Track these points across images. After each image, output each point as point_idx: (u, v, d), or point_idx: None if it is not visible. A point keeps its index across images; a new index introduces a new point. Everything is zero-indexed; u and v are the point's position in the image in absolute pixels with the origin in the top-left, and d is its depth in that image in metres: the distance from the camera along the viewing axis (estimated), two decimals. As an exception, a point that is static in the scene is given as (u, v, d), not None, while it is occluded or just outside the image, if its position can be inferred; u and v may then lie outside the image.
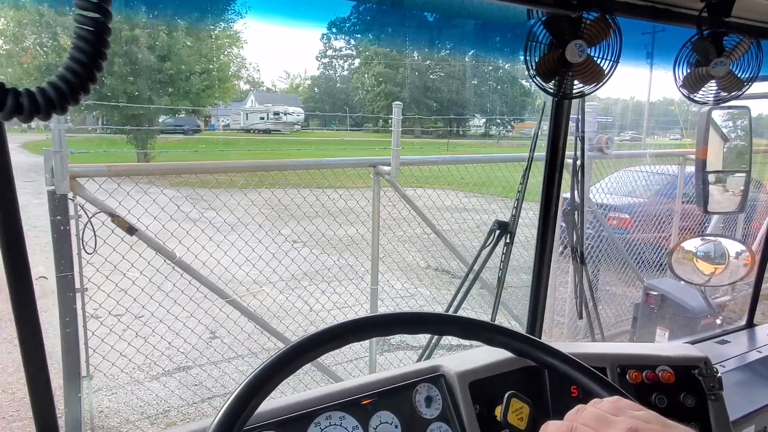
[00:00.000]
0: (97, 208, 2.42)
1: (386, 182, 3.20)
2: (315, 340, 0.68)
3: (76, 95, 0.63)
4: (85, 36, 0.61)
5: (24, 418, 3.38)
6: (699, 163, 1.74)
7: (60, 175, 2.26)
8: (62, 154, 2.26)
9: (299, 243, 4.70)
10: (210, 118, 39.81)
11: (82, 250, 2.48)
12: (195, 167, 2.99)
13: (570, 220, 1.88)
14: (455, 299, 2.21)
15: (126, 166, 2.70)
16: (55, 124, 2.29)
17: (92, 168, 2.46)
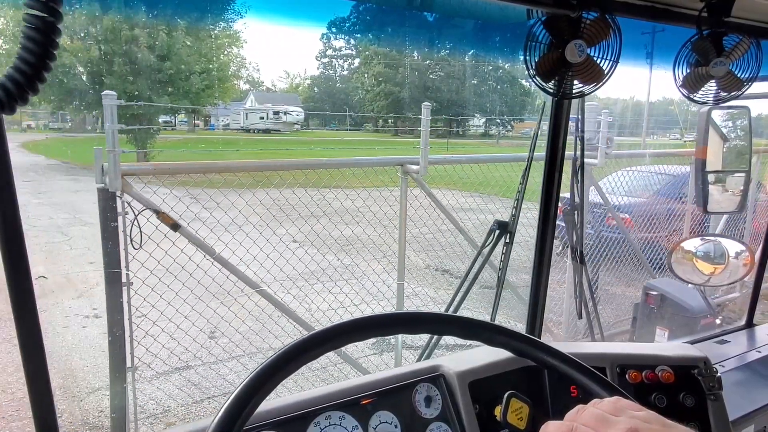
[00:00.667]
0: (143, 205, 2.53)
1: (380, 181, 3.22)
2: (315, 340, 0.68)
3: (24, 95, 0.63)
4: (32, 36, 0.61)
5: (24, 418, 3.38)
6: (699, 163, 1.74)
7: (113, 173, 2.36)
8: (115, 153, 2.37)
9: (302, 243, 4.70)
10: (210, 117, 39.80)
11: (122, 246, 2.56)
12: (233, 165, 3.12)
13: (570, 219, 1.88)
14: (455, 299, 2.21)
15: (170, 165, 2.83)
16: (108, 124, 2.41)
17: (139, 166, 2.52)
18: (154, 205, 2.52)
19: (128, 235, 2.47)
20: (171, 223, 2.56)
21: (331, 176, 3.45)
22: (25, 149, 21.52)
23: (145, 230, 2.57)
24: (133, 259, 2.64)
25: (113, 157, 2.36)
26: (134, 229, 2.48)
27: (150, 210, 2.51)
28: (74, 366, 4.11)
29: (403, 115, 39.86)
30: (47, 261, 6.79)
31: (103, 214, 2.43)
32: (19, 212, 0.86)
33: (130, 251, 2.53)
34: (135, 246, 2.50)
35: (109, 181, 2.37)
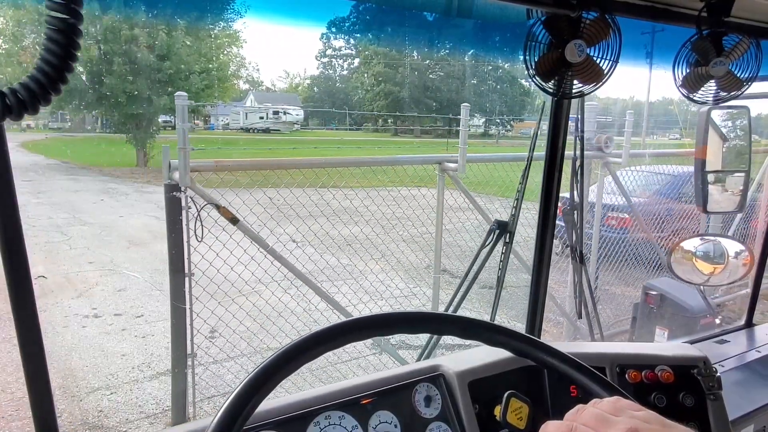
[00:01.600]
0: (205, 200, 2.69)
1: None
2: (315, 339, 0.68)
3: (47, 95, 0.64)
4: (54, 37, 0.62)
5: (23, 417, 3.38)
6: (698, 163, 1.74)
7: (183, 169, 2.50)
8: (186, 151, 2.51)
9: (300, 243, 4.70)
10: (209, 117, 39.79)
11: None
12: (285, 163, 3.24)
13: (569, 219, 1.88)
14: (455, 299, 2.22)
15: (230, 162, 2.94)
16: (179, 123, 2.56)
17: (203, 163, 2.68)
18: (214, 199, 2.68)
19: (194, 228, 2.67)
20: (230, 217, 2.70)
21: (329, 176, 3.47)
22: (24, 149, 21.52)
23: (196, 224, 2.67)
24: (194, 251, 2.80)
25: (183, 154, 2.50)
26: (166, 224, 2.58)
27: (210, 204, 2.67)
28: (74, 366, 4.11)
29: (403, 114, 39.87)
30: (47, 261, 6.79)
31: (169, 208, 2.59)
32: (19, 212, 0.86)
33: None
34: (198, 239, 2.69)
35: (180, 176, 2.51)
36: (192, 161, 2.58)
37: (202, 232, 2.63)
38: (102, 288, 5.92)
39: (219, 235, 2.93)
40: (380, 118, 43.41)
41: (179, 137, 2.52)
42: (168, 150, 2.54)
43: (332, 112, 47.27)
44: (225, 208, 2.68)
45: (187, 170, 2.53)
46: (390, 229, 4.25)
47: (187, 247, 2.69)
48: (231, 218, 2.70)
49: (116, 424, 3.38)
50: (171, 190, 2.57)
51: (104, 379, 3.92)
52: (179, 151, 2.50)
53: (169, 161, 2.55)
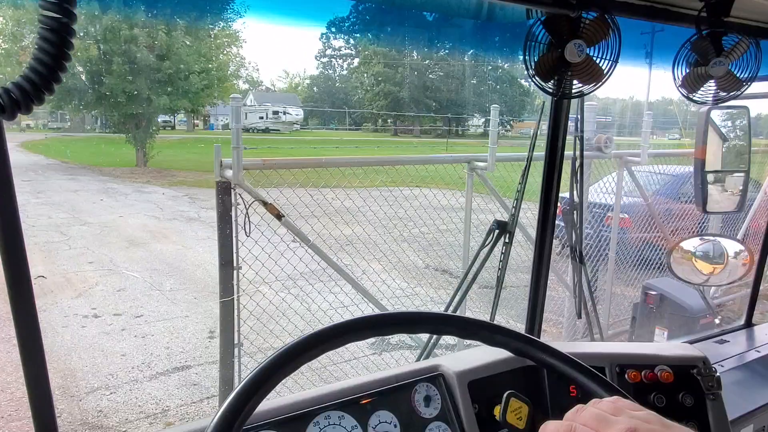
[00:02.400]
0: (253, 197, 2.74)
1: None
2: (314, 340, 0.68)
3: (40, 95, 0.63)
4: (48, 37, 0.61)
5: (23, 417, 3.38)
6: (698, 163, 1.74)
7: (237, 167, 2.60)
8: (239, 150, 2.61)
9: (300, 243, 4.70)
10: (209, 117, 39.78)
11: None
12: (335, 161, 3.31)
13: (569, 219, 1.88)
14: (454, 299, 2.21)
15: (276, 160, 3.04)
16: (233, 123, 2.67)
17: (251, 161, 2.75)
18: (262, 197, 2.76)
19: (245, 224, 2.71)
20: (276, 214, 2.78)
21: (331, 176, 3.48)
22: (24, 149, 21.52)
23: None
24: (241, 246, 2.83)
25: (237, 153, 2.60)
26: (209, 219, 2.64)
27: (258, 201, 2.74)
28: (73, 366, 4.11)
29: (402, 114, 39.86)
30: (46, 261, 6.79)
31: (219, 204, 2.69)
32: (18, 212, 0.86)
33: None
34: (246, 233, 2.75)
35: (233, 174, 2.61)
36: (227, 159, 2.68)
37: (250, 228, 2.71)
38: (101, 288, 5.92)
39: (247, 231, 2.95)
40: (380, 118, 43.42)
41: (233, 137, 2.63)
42: (219, 149, 2.65)
43: (332, 112, 47.27)
44: (272, 204, 2.77)
45: (240, 168, 2.62)
46: (391, 228, 4.25)
47: (235, 242, 2.76)
48: (276, 214, 2.79)
49: (116, 424, 3.38)
50: (221, 187, 2.69)
51: (104, 379, 3.92)
52: (233, 150, 2.60)
53: (221, 160, 2.65)
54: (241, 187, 2.68)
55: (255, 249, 3.02)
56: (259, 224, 2.78)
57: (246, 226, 2.69)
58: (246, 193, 2.71)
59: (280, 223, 2.86)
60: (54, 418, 0.96)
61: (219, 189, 2.68)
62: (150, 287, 5.99)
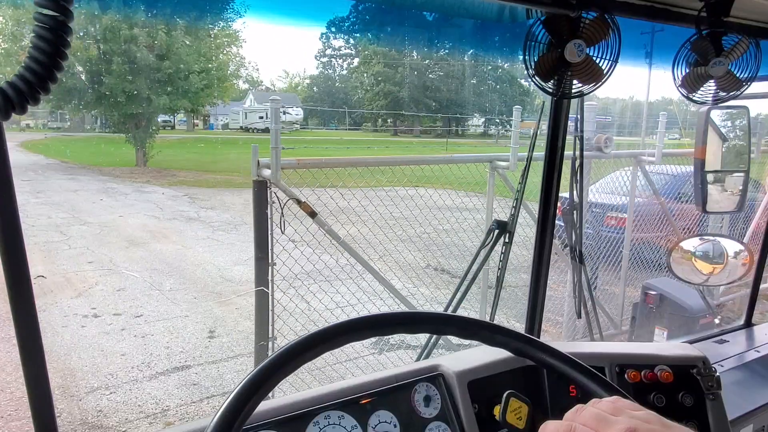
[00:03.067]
0: (287, 195, 2.84)
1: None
2: (314, 340, 0.68)
3: (36, 94, 0.62)
4: (43, 35, 0.60)
5: (22, 417, 3.38)
6: (697, 163, 1.74)
7: (275, 166, 2.70)
8: (277, 149, 2.70)
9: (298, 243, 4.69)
10: (209, 117, 39.78)
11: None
12: (365, 161, 3.43)
13: (569, 219, 1.88)
14: (454, 298, 2.22)
15: (310, 160, 3.14)
16: (273, 125, 2.76)
17: (286, 160, 2.83)
18: (296, 195, 2.86)
19: (281, 221, 2.82)
20: (309, 211, 2.89)
21: (326, 176, 3.49)
22: (23, 148, 21.52)
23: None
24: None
25: (276, 152, 2.69)
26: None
27: (292, 200, 2.85)
28: (73, 365, 4.11)
29: (402, 114, 39.83)
30: (46, 260, 6.79)
31: (256, 202, 2.80)
32: (18, 211, 0.86)
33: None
34: (282, 230, 2.84)
35: (271, 173, 2.71)
36: (263, 159, 2.77)
37: (283, 225, 2.82)
38: (101, 288, 5.92)
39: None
40: (379, 117, 43.42)
41: (272, 137, 2.72)
42: (257, 149, 2.76)
43: (332, 112, 47.25)
44: (306, 203, 2.88)
45: (279, 167, 2.71)
46: (388, 229, 4.26)
47: (270, 239, 2.85)
48: (310, 212, 2.90)
49: (115, 424, 3.38)
50: (258, 186, 2.80)
51: (103, 379, 3.92)
52: (272, 150, 2.69)
53: (258, 159, 2.75)
54: (277, 186, 2.77)
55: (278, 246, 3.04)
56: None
57: (281, 223, 2.80)
58: (281, 191, 2.81)
59: (313, 220, 2.96)
60: (54, 417, 0.96)
61: (256, 187, 2.79)
62: (150, 287, 5.99)
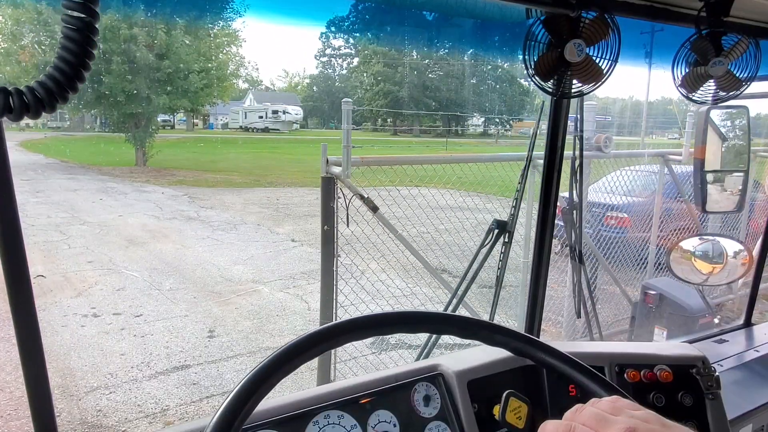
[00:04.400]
0: (352, 192, 2.98)
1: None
2: (314, 339, 0.68)
3: (65, 94, 0.64)
4: (72, 36, 0.62)
5: (22, 417, 3.38)
6: (697, 163, 1.74)
7: (346, 163, 2.84)
8: (348, 147, 2.86)
9: (300, 242, 4.70)
10: (209, 116, 39.77)
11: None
12: (425, 159, 3.64)
13: (568, 219, 1.88)
14: (453, 298, 2.22)
15: (372, 158, 3.24)
16: (345, 125, 2.93)
17: (359, 158, 2.99)
18: (359, 191, 2.99)
19: (347, 215, 2.97)
20: (371, 206, 3.02)
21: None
22: (23, 148, 21.51)
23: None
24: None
25: (347, 151, 2.85)
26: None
27: (356, 195, 2.99)
28: (73, 365, 4.11)
29: (402, 113, 39.82)
30: (46, 260, 6.78)
31: (324, 197, 2.94)
32: (18, 211, 0.86)
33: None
34: (347, 224, 2.98)
35: (342, 170, 2.85)
36: (333, 156, 2.92)
37: (348, 219, 2.95)
38: (101, 287, 5.92)
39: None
40: (379, 117, 43.41)
41: (344, 136, 2.90)
42: (326, 147, 2.91)
43: (331, 112, 47.24)
44: (369, 198, 3.00)
45: (349, 165, 2.86)
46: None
47: (335, 232, 2.99)
48: (372, 207, 3.03)
49: (115, 424, 3.38)
50: (327, 182, 2.94)
51: (103, 379, 3.92)
52: (343, 148, 2.86)
53: (327, 157, 2.91)
54: (342, 182, 2.92)
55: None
56: (260, 225, 2.77)
57: (346, 218, 2.97)
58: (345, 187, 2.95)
59: (374, 215, 3.08)
60: (53, 417, 0.96)
61: (324, 183, 2.95)
62: (149, 287, 5.99)
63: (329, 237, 2.99)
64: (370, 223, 3.23)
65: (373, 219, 3.10)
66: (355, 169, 3.49)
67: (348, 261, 3.57)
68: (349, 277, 3.93)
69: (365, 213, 3.09)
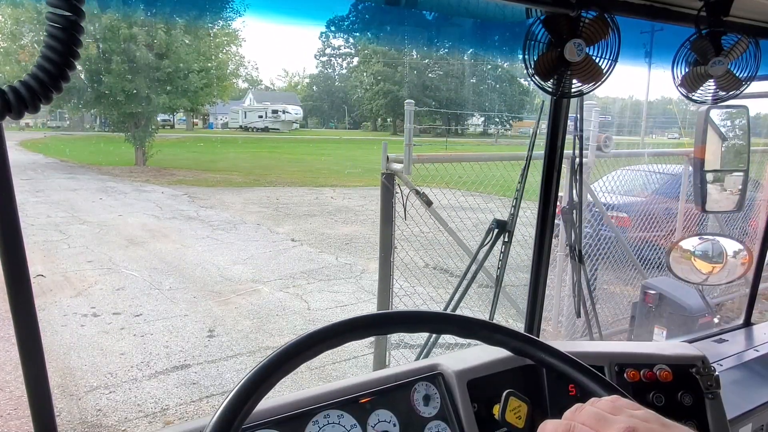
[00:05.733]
0: (409, 188, 3.13)
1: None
2: (314, 338, 0.68)
3: (49, 93, 0.63)
4: (56, 34, 0.61)
5: (22, 416, 3.38)
6: (697, 163, 1.74)
7: (408, 161, 2.99)
8: (410, 146, 3.02)
9: (301, 242, 4.70)
10: (208, 116, 39.77)
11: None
12: (478, 156, 3.69)
13: (568, 219, 1.88)
14: (453, 298, 2.22)
15: (426, 156, 3.37)
16: (407, 124, 3.14)
17: (394, 155, 3.14)
18: (414, 186, 3.13)
19: (404, 209, 3.11)
20: (426, 201, 3.15)
21: (325, 178, 3.51)
22: (23, 147, 21.50)
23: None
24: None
25: (409, 149, 3.01)
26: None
27: (413, 190, 3.13)
28: (72, 365, 4.11)
29: (402, 112, 39.78)
30: (45, 259, 6.78)
31: (384, 192, 3.11)
32: (17, 211, 0.86)
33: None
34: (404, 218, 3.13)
35: (404, 167, 3.01)
36: (392, 154, 3.07)
37: (405, 213, 3.09)
38: (101, 287, 5.91)
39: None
40: (379, 117, 43.41)
41: (406, 135, 3.08)
42: (387, 146, 3.09)
43: (331, 111, 47.23)
44: (424, 193, 3.14)
45: (410, 162, 3.01)
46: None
47: (393, 226, 3.15)
48: (427, 201, 3.16)
49: (115, 423, 3.38)
50: (387, 178, 3.11)
51: (103, 378, 3.92)
52: (405, 147, 3.02)
53: (387, 155, 3.08)
54: (400, 178, 3.08)
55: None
56: (260, 225, 2.77)
57: (405, 211, 3.12)
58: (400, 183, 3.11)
59: (428, 209, 3.21)
60: (53, 417, 0.96)
61: (384, 179, 3.12)
62: (149, 286, 5.99)
63: (387, 230, 3.16)
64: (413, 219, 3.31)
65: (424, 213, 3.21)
66: (355, 168, 3.49)
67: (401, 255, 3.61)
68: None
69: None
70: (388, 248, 3.18)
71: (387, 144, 3.12)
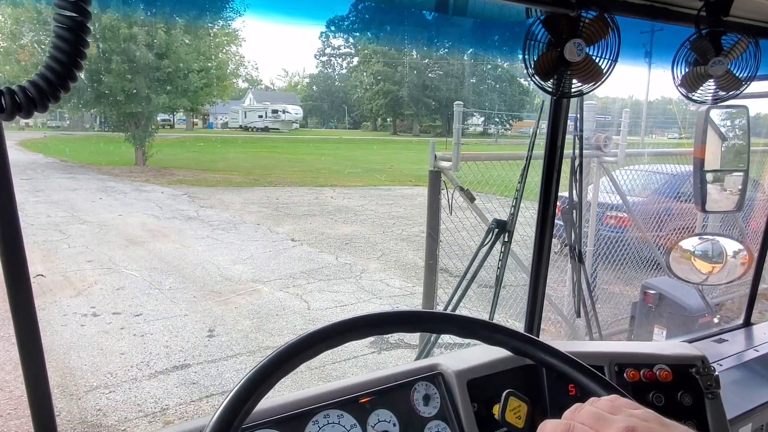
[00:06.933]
0: (454, 185, 3.23)
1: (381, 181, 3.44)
2: (314, 338, 0.68)
3: (57, 93, 0.64)
4: (63, 35, 0.62)
5: (22, 416, 3.38)
6: (697, 162, 1.74)
7: (456, 159, 3.14)
8: (458, 144, 3.17)
9: (301, 241, 4.69)
10: (208, 116, 39.78)
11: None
12: (507, 155, 3.73)
13: (568, 218, 1.88)
14: (453, 298, 2.21)
15: (470, 154, 3.48)
16: (456, 125, 3.27)
17: (440, 154, 3.26)
18: (459, 183, 3.25)
19: (449, 205, 3.22)
20: (470, 197, 3.24)
21: (325, 178, 3.51)
22: (23, 147, 21.50)
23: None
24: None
25: (457, 149, 3.16)
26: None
27: (457, 187, 3.23)
28: (72, 364, 4.11)
29: (402, 112, 39.80)
30: (45, 259, 6.78)
31: (432, 188, 3.25)
32: (17, 210, 0.86)
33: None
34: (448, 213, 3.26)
35: (453, 164, 3.14)
36: (439, 153, 3.21)
37: (450, 208, 3.20)
38: (100, 287, 5.91)
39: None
40: (379, 116, 43.41)
41: (455, 135, 3.23)
42: (434, 145, 3.25)
43: (331, 111, 47.24)
44: (468, 190, 3.23)
45: (458, 160, 3.15)
46: (388, 228, 4.26)
47: (439, 219, 3.27)
48: (470, 197, 3.24)
49: (115, 423, 3.38)
50: (434, 176, 3.25)
51: (103, 378, 3.92)
52: (454, 146, 3.17)
53: (435, 153, 3.22)
54: (446, 175, 3.19)
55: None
56: (259, 224, 2.77)
57: (450, 206, 3.22)
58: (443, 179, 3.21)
59: (470, 205, 3.28)
60: (53, 416, 0.96)
61: (432, 176, 3.26)
62: (149, 286, 5.99)
63: (434, 222, 3.29)
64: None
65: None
66: (356, 168, 3.50)
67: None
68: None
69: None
70: (434, 240, 3.30)
71: (435, 144, 3.27)
